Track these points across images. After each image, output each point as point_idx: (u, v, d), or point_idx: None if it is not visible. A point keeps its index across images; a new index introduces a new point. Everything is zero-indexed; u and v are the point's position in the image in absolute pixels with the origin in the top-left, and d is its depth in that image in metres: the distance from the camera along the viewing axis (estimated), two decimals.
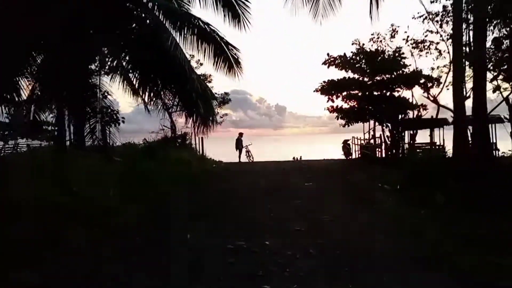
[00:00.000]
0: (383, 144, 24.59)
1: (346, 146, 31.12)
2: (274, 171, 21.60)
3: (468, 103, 17.19)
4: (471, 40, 17.45)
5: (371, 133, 29.34)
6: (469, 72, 18.51)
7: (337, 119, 30.42)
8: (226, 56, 19.19)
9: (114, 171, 14.54)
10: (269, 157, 61.55)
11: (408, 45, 26.97)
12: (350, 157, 30.99)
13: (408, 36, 26.85)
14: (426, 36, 26.08)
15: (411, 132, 25.81)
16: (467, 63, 17.97)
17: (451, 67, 20.22)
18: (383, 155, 25.29)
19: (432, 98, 26.08)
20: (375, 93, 27.86)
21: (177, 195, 13.69)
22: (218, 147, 33.19)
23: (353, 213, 10.48)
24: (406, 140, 25.61)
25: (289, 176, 18.85)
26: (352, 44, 27.12)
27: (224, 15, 18.84)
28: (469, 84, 18.60)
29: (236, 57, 19.60)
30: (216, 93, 30.43)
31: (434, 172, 12.49)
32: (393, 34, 27.15)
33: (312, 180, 16.57)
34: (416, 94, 28.42)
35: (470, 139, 16.55)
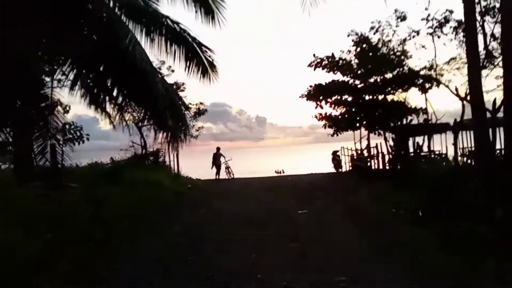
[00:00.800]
0: (380, 154, 21.88)
1: (336, 158, 28.36)
2: (258, 191, 18.69)
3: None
4: None
5: (365, 142, 26.82)
6: None
7: (325, 127, 27.83)
8: (199, 59, 16.49)
9: (58, 203, 11.51)
10: (251, 172, 58.81)
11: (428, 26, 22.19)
12: (341, 170, 28.28)
13: (429, 15, 21.63)
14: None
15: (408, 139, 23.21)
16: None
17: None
18: (380, 167, 22.51)
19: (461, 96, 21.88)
20: (367, 97, 25.40)
21: (131, 234, 10.33)
22: (197, 163, 30.17)
23: (385, 273, 6.66)
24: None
25: (276, 198, 15.92)
26: (348, 35, 24.20)
27: (196, 11, 16.17)
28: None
29: (211, 59, 16.84)
30: (190, 104, 27.62)
31: (464, 189, 9.79)
32: (402, 18, 23.04)
33: (306, 204, 13.51)
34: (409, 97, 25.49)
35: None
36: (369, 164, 23.90)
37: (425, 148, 22.86)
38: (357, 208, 12.44)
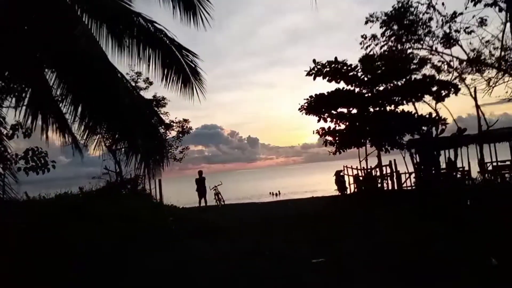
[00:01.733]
0: (394, 174, 18.81)
1: (340, 179, 25.12)
2: (254, 224, 15.23)
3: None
4: None
5: (373, 160, 23.79)
6: None
7: (325, 145, 24.90)
8: (179, 66, 13.30)
9: None
10: (245, 196, 55.58)
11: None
12: (345, 191, 25.06)
13: None
14: None
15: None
16: None
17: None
18: (395, 188, 19.38)
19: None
20: (374, 109, 22.55)
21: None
22: (185, 189, 26.90)
23: None
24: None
25: (279, 236, 12.25)
26: (366, 22, 21.29)
27: (174, 7, 13.10)
28: None
29: (193, 65, 13.59)
30: (172, 122, 24.52)
31: None
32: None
33: (320, 247, 9.92)
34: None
35: None
36: (379, 185, 20.84)
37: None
38: (397, 252, 8.85)
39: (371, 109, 22.70)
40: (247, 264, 8.72)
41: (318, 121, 22.19)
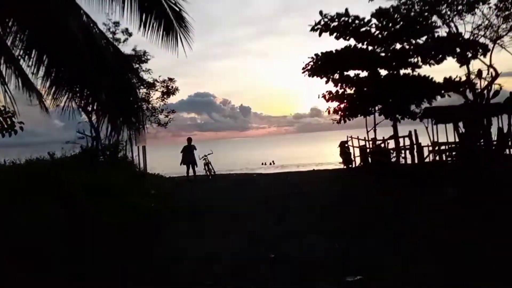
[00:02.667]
0: (415, 146, 16.15)
1: (345, 151, 22.52)
2: (248, 206, 12.17)
3: None
4: None
5: (381, 131, 21.21)
6: None
7: (328, 112, 22.32)
8: (161, 10, 10.45)
9: None
10: (237, 164, 52.99)
11: None
12: (351, 165, 22.49)
13: None
14: None
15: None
16: None
17: None
18: (416, 164, 16.71)
19: None
20: (387, 72, 19.85)
21: None
22: (177, 157, 24.18)
23: None
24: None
25: (283, 226, 9.10)
26: None
27: None
28: None
29: (178, 9, 10.75)
30: (156, 81, 21.72)
31: None
32: None
33: (345, 251, 6.86)
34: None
35: None
36: (394, 159, 18.27)
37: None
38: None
39: (384, 72, 20.03)
40: (241, 276, 6.06)
41: (327, 82, 19.42)
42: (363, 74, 19.97)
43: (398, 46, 18.63)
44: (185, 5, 9.48)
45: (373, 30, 18.21)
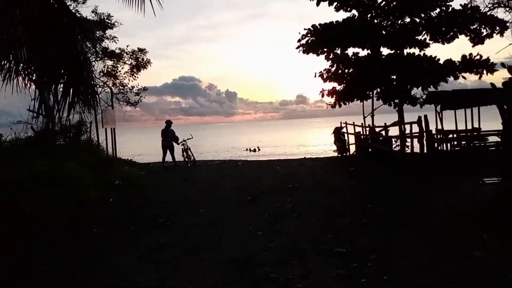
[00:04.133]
0: (424, 134, 13.78)
1: (340, 138, 20.10)
2: (233, 201, 9.98)
3: None
4: None
5: (381, 118, 18.83)
6: None
7: (322, 95, 19.98)
8: None
9: None
10: (221, 150, 50.51)
11: None
12: (346, 153, 20.07)
13: None
14: None
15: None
16: None
17: None
18: (424, 153, 14.35)
19: None
20: (390, 50, 17.45)
21: None
22: (158, 141, 21.45)
23: None
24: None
25: (282, 230, 7.04)
26: None
27: None
28: None
29: None
30: (124, 51, 18.88)
31: None
32: None
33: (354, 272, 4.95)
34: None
35: None
36: (397, 147, 15.89)
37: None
38: None
39: (386, 51, 17.67)
40: None
41: (327, 58, 16.84)
42: (363, 53, 17.62)
43: (406, 20, 16.16)
44: None
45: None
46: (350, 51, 17.80)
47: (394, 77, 17.93)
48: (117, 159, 19.09)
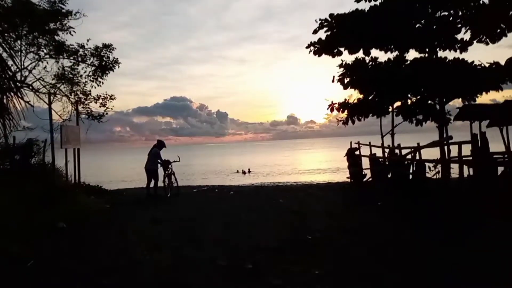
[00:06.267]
0: (478, 157, 9.88)
1: (356, 161, 16.11)
2: (224, 271, 5.64)
3: None
4: None
5: (401, 138, 14.99)
6: None
7: (331, 110, 16.36)
8: None
9: None
10: (211, 172, 46.45)
11: None
12: (363, 180, 16.03)
13: None
14: None
15: None
16: None
17: None
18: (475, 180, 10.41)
19: None
20: (417, 54, 13.71)
21: None
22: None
23: None
24: None
25: None
26: None
27: None
28: None
29: None
30: (81, 47, 14.09)
31: None
32: None
33: None
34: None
35: None
36: (434, 173, 11.96)
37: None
38: None
39: (414, 55, 14.03)
40: None
41: (351, 53, 12.84)
42: (383, 57, 13.93)
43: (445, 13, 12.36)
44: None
45: None
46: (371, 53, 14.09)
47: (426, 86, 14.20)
48: (80, 186, 15.05)
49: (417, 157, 12.76)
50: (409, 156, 13.79)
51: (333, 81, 14.43)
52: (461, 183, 10.37)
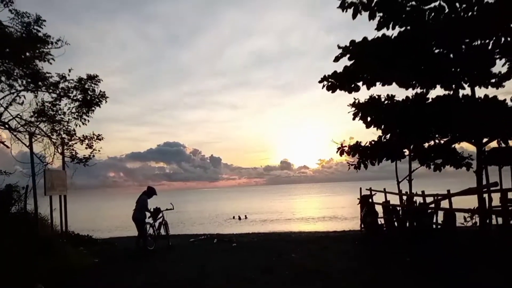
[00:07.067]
0: None
1: (372, 209, 14.47)
2: None
3: None
4: None
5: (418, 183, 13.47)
6: None
7: (341, 154, 15.00)
8: None
9: None
10: (207, 218, 44.26)
11: None
12: (381, 232, 14.29)
13: None
14: None
15: None
16: None
17: None
18: None
19: None
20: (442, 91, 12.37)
21: None
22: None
23: None
24: None
25: None
26: None
27: None
28: None
29: None
30: (63, 77, 12.27)
31: None
32: None
33: None
34: None
35: None
36: (470, 223, 10.33)
37: None
38: None
39: (436, 92, 12.68)
40: None
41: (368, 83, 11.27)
42: (400, 94, 12.63)
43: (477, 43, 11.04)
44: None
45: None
46: (386, 89, 12.76)
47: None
48: (67, 236, 13.34)
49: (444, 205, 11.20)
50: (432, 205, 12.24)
51: (354, 118, 13.06)
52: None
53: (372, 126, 12.93)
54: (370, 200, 14.98)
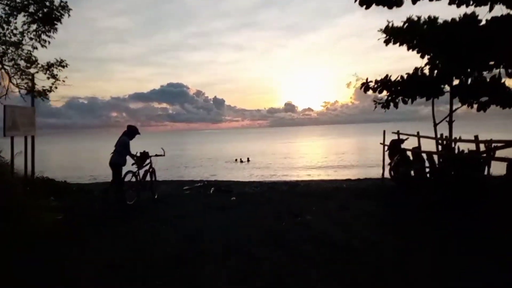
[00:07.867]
0: None
1: (403, 155, 11.88)
2: None
3: None
4: None
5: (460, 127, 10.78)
6: None
7: (365, 90, 12.33)
8: None
9: None
10: (208, 161, 42.09)
11: None
12: (410, 181, 11.69)
13: None
14: None
15: None
16: None
17: None
18: None
19: None
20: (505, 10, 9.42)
21: None
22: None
23: None
24: None
25: None
26: None
27: None
28: None
29: None
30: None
31: None
32: None
33: None
34: None
35: None
36: None
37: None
38: None
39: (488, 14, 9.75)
40: None
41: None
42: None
43: None
44: None
45: None
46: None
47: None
48: (34, 184, 10.98)
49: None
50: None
51: (386, 45, 10.28)
52: None
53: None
54: (402, 145, 12.35)
